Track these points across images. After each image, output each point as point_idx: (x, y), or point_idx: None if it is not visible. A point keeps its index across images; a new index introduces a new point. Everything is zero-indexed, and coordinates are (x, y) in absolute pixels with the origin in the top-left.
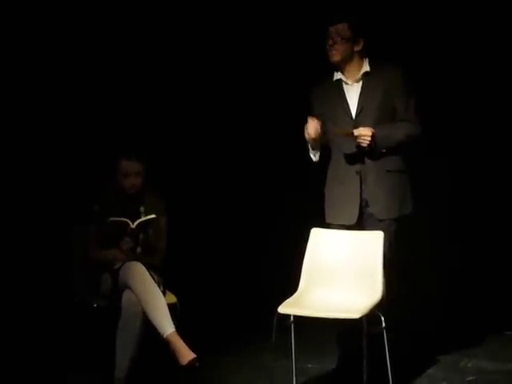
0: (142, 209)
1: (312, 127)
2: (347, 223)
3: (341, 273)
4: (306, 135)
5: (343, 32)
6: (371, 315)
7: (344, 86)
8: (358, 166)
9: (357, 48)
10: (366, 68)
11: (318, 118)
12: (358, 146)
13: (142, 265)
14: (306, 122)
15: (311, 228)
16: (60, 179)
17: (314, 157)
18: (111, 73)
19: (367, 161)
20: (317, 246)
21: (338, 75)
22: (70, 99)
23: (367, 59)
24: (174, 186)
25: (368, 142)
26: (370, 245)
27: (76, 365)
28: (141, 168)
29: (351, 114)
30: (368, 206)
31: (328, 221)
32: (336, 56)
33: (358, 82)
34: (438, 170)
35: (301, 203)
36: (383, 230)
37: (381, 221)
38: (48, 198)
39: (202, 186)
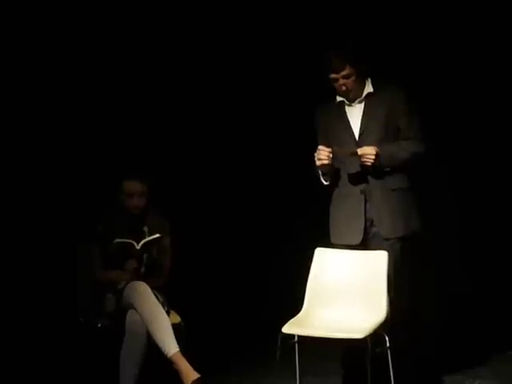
0: (145, 229)
1: (324, 155)
2: (352, 243)
3: (345, 293)
4: (318, 163)
5: (346, 73)
6: (375, 335)
7: (346, 107)
8: (362, 185)
9: (360, 73)
10: (369, 89)
11: (325, 144)
12: (363, 166)
13: (146, 285)
14: (314, 147)
15: (315, 248)
16: (64, 199)
17: (326, 181)
18: (114, 93)
19: (371, 180)
20: (321, 266)
21: (339, 97)
22: (75, 116)
23: (369, 79)
24: (179, 206)
25: (372, 161)
26: (374, 264)
27: None
28: (145, 188)
29: (354, 136)
30: (373, 226)
31: (333, 241)
32: (348, 92)
33: (360, 102)
34: (443, 186)
35: (305, 223)
36: (389, 249)
37: (386, 240)
38: (52, 217)
39: (207, 207)
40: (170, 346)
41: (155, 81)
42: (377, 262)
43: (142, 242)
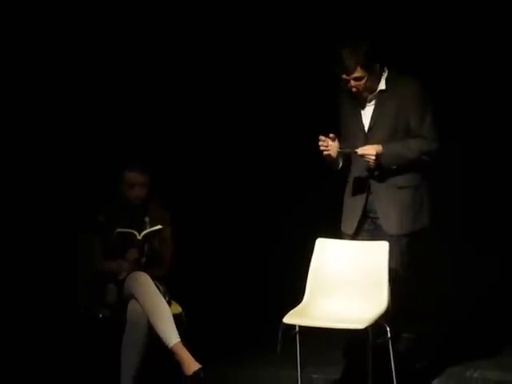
0: (146, 219)
1: (333, 148)
2: (347, 232)
3: (346, 283)
4: (326, 154)
5: (358, 75)
6: (376, 326)
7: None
8: (368, 181)
9: (372, 74)
10: (382, 86)
11: (330, 137)
12: (366, 164)
13: (147, 275)
14: (314, 135)
15: (316, 238)
16: (65, 189)
17: (337, 168)
18: (116, 83)
19: (378, 176)
20: (322, 256)
21: None
22: (75, 108)
23: (385, 74)
24: (180, 196)
25: (372, 161)
26: (376, 255)
27: (81, 375)
28: (146, 179)
29: (364, 129)
30: (376, 220)
31: (341, 228)
32: (360, 94)
33: (374, 97)
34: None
35: (306, 214)
36: (394, 245)
37: (391, 236)
38: (53, 206)
39: (208, 197)
40: (171, 336)
41: (155, 72)
42: (378, 252)
43: (144, 233)
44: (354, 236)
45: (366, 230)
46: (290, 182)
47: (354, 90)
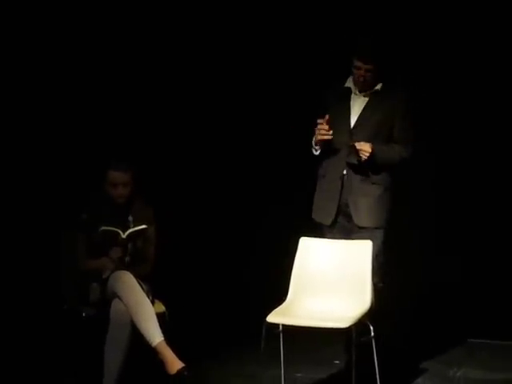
0: (130, 218)
1: (324, 131)
2: (324, 223)
3: (329, 282)
4: (319, 137)
5: (371, 67)
6: (360, 324)
7: (352, 95)
8: (343, 172)
9: (378, 74)
10: (378, 87)
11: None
12: (357, 159)
13: (130, 274)
14: (312, 125)
15: (300, 237)
16: (49, 186)
17: (316, 152)
18: (100, 79)
19: (354, 168)
20: (305, 255)
21: (350, 83)
22: (59, 106)
23: (381, 84)
24: (162, 195)
25: (366, 158)
26: (359, 254)
27: (64, 374)
28: (129, 178)
29: (349, 124)
30: (349, 210)
31: (312, 216)
32: (363, 84)
33: (365, 96)
34: (423, 181)
35: (289, 213)
36: (362, 237)
37: (360, 228)
38: (37, 204)
39: (190, 196)
40: (155, 335)
41: (141, 71)
42: (361, 251)
43: (128, 232)
44: (332, 225)
45: (340, 221)
46: (273, 178)
47: (361, 79)
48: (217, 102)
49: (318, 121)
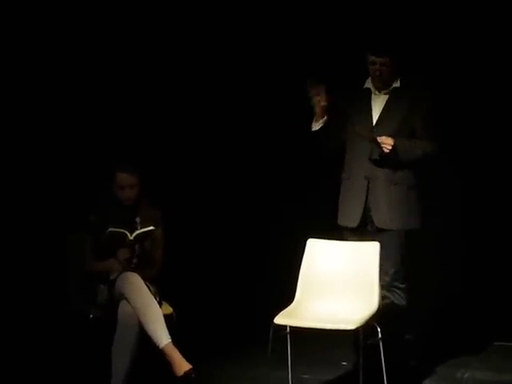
0: (138, 219)
1: (323, 96)
2: (350, 226)
3: (337, 283)
4: (317, 102)
5: (386, 60)
6: (367, 326)
7: (372, 95)
8: (367, 173)
9: (395, 67)
10: (396, 84)
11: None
12: (379, 153)
13: (138, 275)
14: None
15: (307, 238)
16: (56, 188)
17: (315, 128)
18: (107, 82)
19: (377, 169)
20: (313, 257)
21: (368, 83)
22: (66, 106)
23: (399, 78)
24: (171, 196)
25: (388, 151)
26: (367, 255)
27: (71, 375)
28: (136, 180)
29: (372, 123)
30: (371, 214)
31: (339, 222)
32: (381, 78)
33: (385, 94)
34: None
35: (297, 214)
36: (383, 240)
37: (383, 230)
38: (44, 206)
39: (199, 197)
40: (162, 336)
41: (145, 73)
42: (369, 252)
43: (136, 234)
44: (357, 229)
45: (368, 223)
46: (282, 180)
47: (377, 73)
48: (227, 101)
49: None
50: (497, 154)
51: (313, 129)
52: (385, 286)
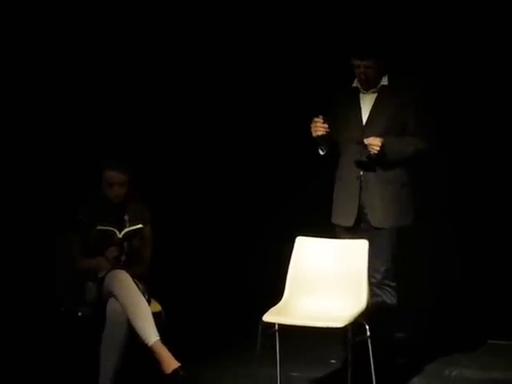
0: (126, 217)
1: (319, 125)
2: (345, 225)
3: (325, 281)
4: (314, 134)
5: (369, 63)
6: (356, 324)
7: (360, 94)
8: (359, 172)
9: (380, 67)
10: (384, 82)
11: (324, 118)
12: (368, 155)
13: (126, 273)
14: (309, 121)
15: (296, 236)
16: (44, 187)
17: (322, 152)
18: (97, 80)
19: (369, 168)
20: (301, 255)
21: (356, 83)
22: (55, 106)
23: (387, 75)
24: (159, 194)
25: (376, 151)
26: (355, 253)
27: (60, 373)
28: (125, 178)
29: (361, 122)
30: (365, 212)
31: (332, 220)
32: (366, 81)
33: (374, 92)
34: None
35: (286, 213)
36: (375, 237)
37: (376, 229)
38: (32, 205)
39: (188, 195)
40: (151, 334)
41: (139, 71)
42: (357, 250)
43: (124, 232)
44: (352, 228)
45: (362, 221)
46: (272, 178)
47: (362, 76)
48: (219, 100)
49: (315, 119)
50: (490, 151)
51: (320, 153)
52: (375, 283)
